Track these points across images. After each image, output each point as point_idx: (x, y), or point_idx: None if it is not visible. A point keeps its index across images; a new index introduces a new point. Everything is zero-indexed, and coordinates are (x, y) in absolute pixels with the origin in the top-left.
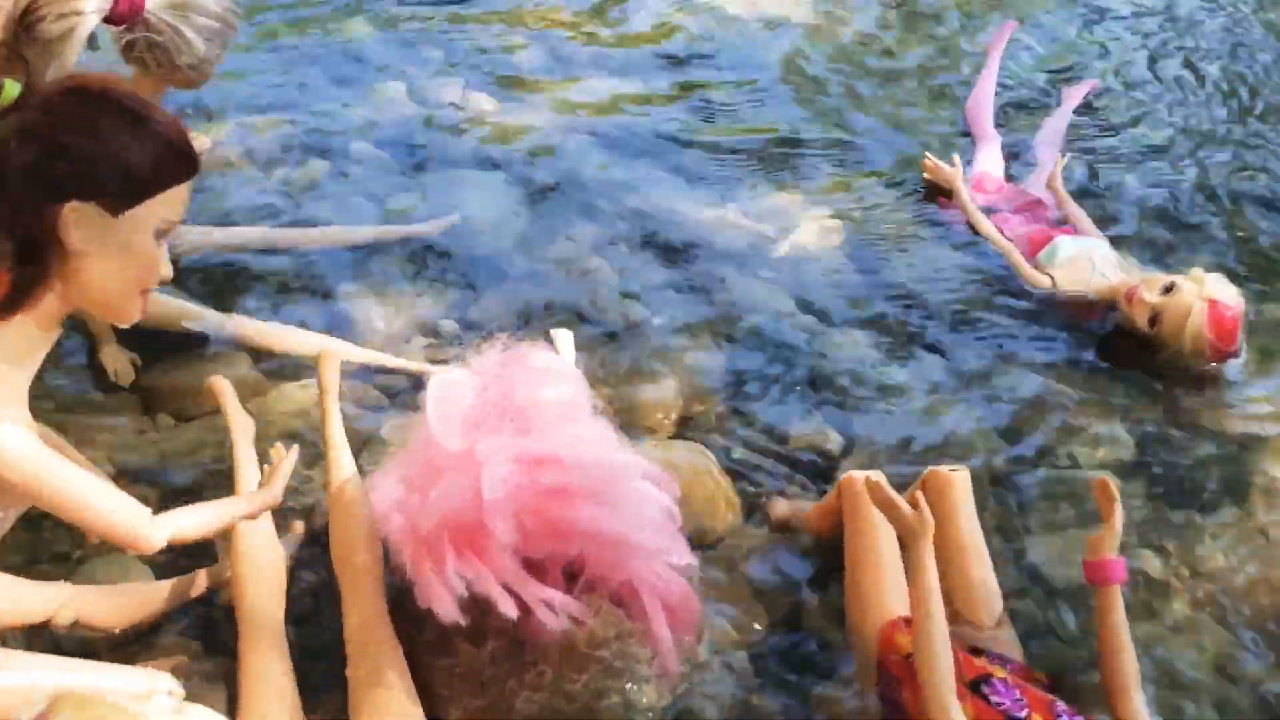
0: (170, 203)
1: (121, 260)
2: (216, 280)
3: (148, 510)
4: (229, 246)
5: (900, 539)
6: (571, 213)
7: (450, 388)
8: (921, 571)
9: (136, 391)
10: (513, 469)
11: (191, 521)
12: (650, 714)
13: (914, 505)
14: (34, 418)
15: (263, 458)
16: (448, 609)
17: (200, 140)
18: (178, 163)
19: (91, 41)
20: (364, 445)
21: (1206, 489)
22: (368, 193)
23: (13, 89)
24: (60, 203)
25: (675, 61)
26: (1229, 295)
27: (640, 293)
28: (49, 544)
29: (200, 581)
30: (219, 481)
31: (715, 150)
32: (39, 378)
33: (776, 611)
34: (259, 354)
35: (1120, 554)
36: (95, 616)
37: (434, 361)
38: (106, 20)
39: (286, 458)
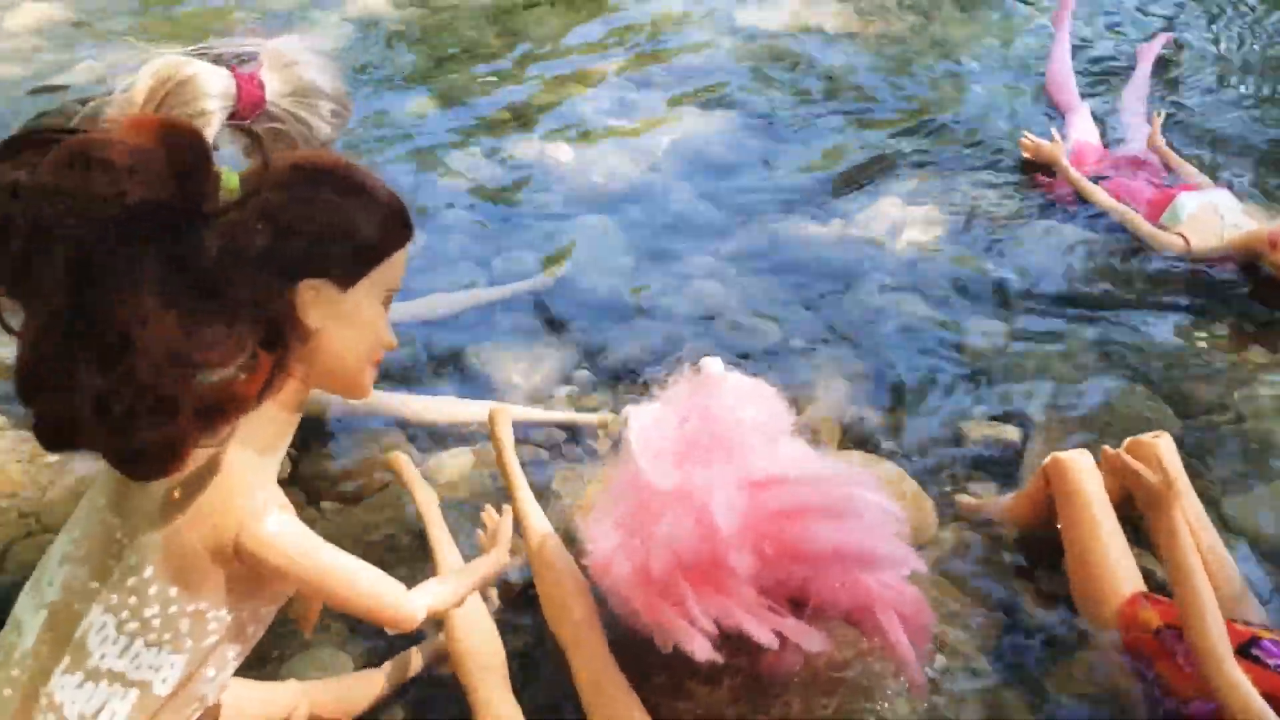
0: (393, 269)
1: (355, 332)
2: None
3: (403, 586)
4: None
5: (1149, 507)
6: (677, 244)
7: (649, 423)
8: (1177, 534)
9: (296, 483)
10: (740, 496)
11: (445, 592)
12: None
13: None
14: None
15: None
16: (700, 647)
17: None
18: (399, 229)
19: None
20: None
21: None
22: (473, 256)
23: (232, 178)
24: (296, 282)
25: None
26: None
27: (770, 312)
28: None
29: (416, 661)
30: (400, 559)
31: (800, 169)
32: None
33: (996, 606)
34: (406, 429)
35: None
36: (326, 709)
37: (579, 409)
38: (231, 117)
39: (503, 518)
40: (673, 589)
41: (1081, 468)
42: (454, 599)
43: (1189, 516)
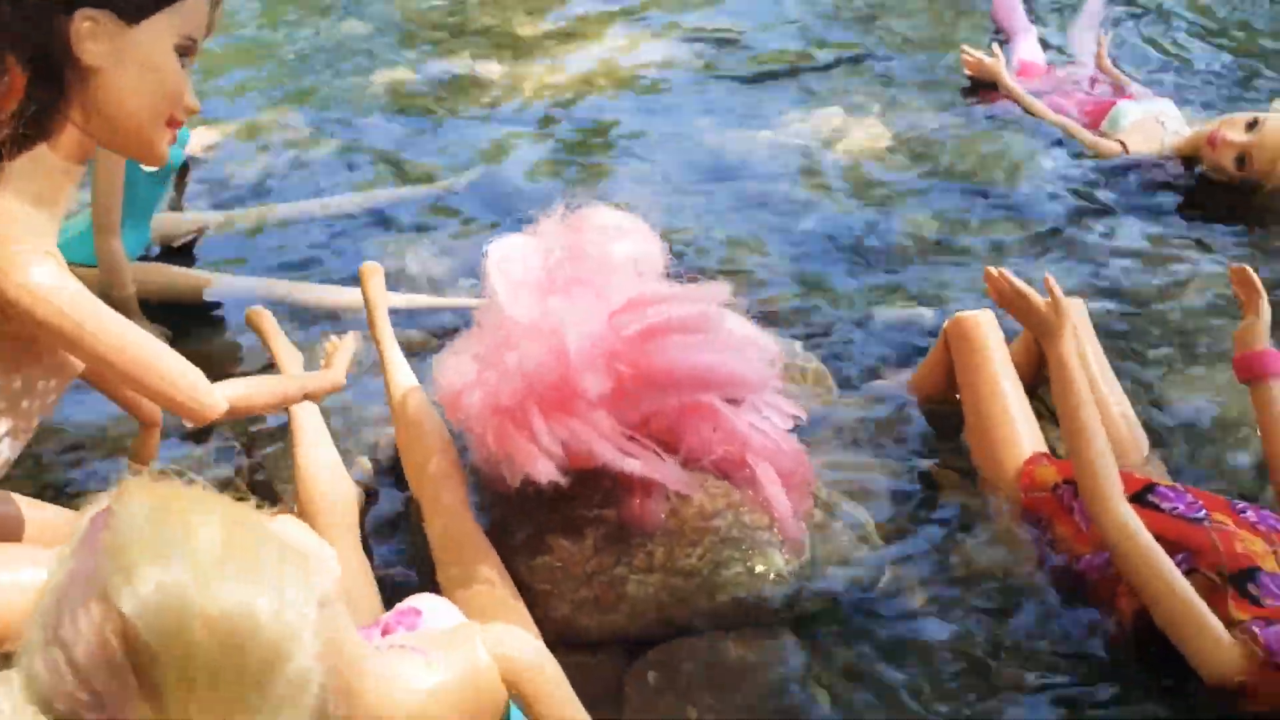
0: (189, 15)
1: (142, 78)
2: (242, 252)
3: (205, 378)
4: (258, 219)
5: (1039, 334)
6: (607, 159)
7: (513, 255)
8: (1067, 366)
9: None
10: (597, 322)
11: (253, 390)
12: (781, 581)
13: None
14: None
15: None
16: (544, 470)
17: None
18: None
19: None
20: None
21: None
22: (388, 160)
23: None
24: (71, 12)
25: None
26: None
27: (692, 212)
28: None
29: None
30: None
31: (745, 82)
32: None
33: (897, 475)
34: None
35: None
36: None
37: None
38: None
39: (345, 341)
40: (523, 416)
41: (981, 323)
42: (264, 400)
43: (1092, 370)
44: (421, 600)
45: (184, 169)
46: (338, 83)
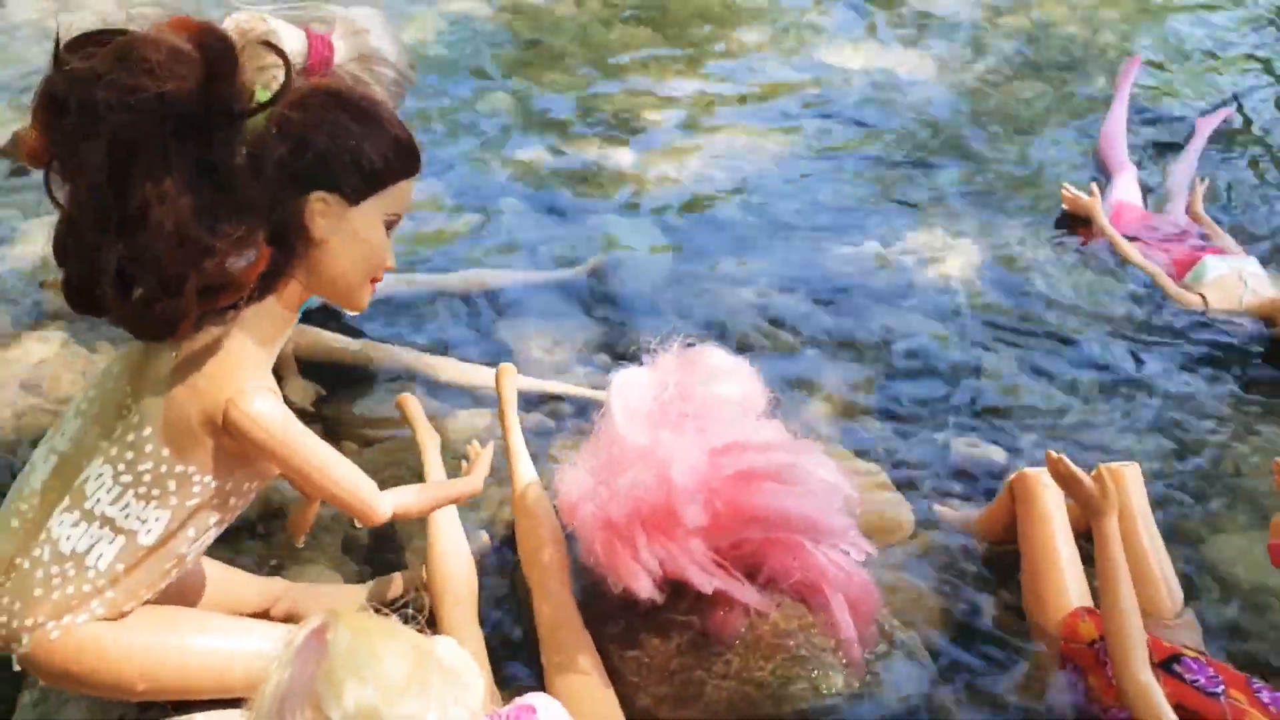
0: (399, 195)
1: (356, 247)
2: (387, 318)
3: (376, 485)
4: (392, 293)
5: (1087, 513)
6: (717, 252)
7: (631, 385)
8: (1109, 543)
9: (320, 420)
10: (700, 458)
11: (413, 499)
12: (838, 699)
13: (1098, 482)
14: None
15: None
16: (644, 587)
17: None
18: (406, 159)
19: None
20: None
21: None
22: (523, 243)
23: (263, 92)
24: (308, 192)
25: (800, 113)
26: None
27: (790, 321)
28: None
29: (396, 585)
30: None
31: (851, 192)
32: None
33: (952, 610)
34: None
35: None
36: (306, 610)
37: (597, 389)
38: (301, 75)
39: (484, 452)
40: (628, 534)
41: (1044, 483)
42: (421, 507)
43: (1142, 538)
44: (537, 699)
45: None
46: (475, 158)
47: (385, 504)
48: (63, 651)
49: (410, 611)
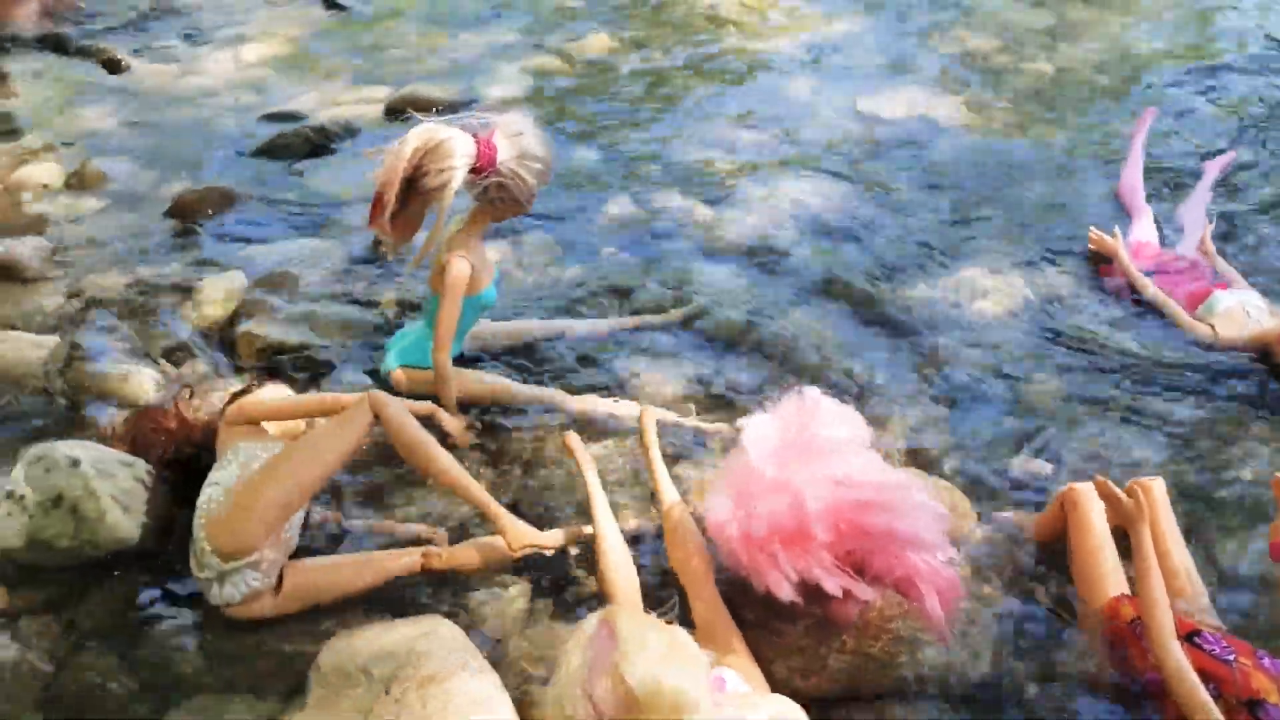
0: None
1: None
2: (523, 361)
3: None
4: (519, 337)
5: (1124, 524)
6: (793, 292)
7: (762, 428)
8: (1143, 544)
9: (481, 449)
10: (825, 488)
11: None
12: (933, 669)
13: (1131, 497)
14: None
15: None
16: (786, 591)
17: None
18: None
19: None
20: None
21: None
22: (618, 289)
23: None
24: None
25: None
26: None
27: (861, 355)
28: None
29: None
30: (559, 510)
31: (899, 237)
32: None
33: (1015, 594)
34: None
35: None
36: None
37: (704, 415)
38: (471, 172)
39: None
40: (768, 548)
41: (1089, 496)
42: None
43: (1168, 539)
44: (725, 672)
45: None
46: (570, 207)
47: None
48: None
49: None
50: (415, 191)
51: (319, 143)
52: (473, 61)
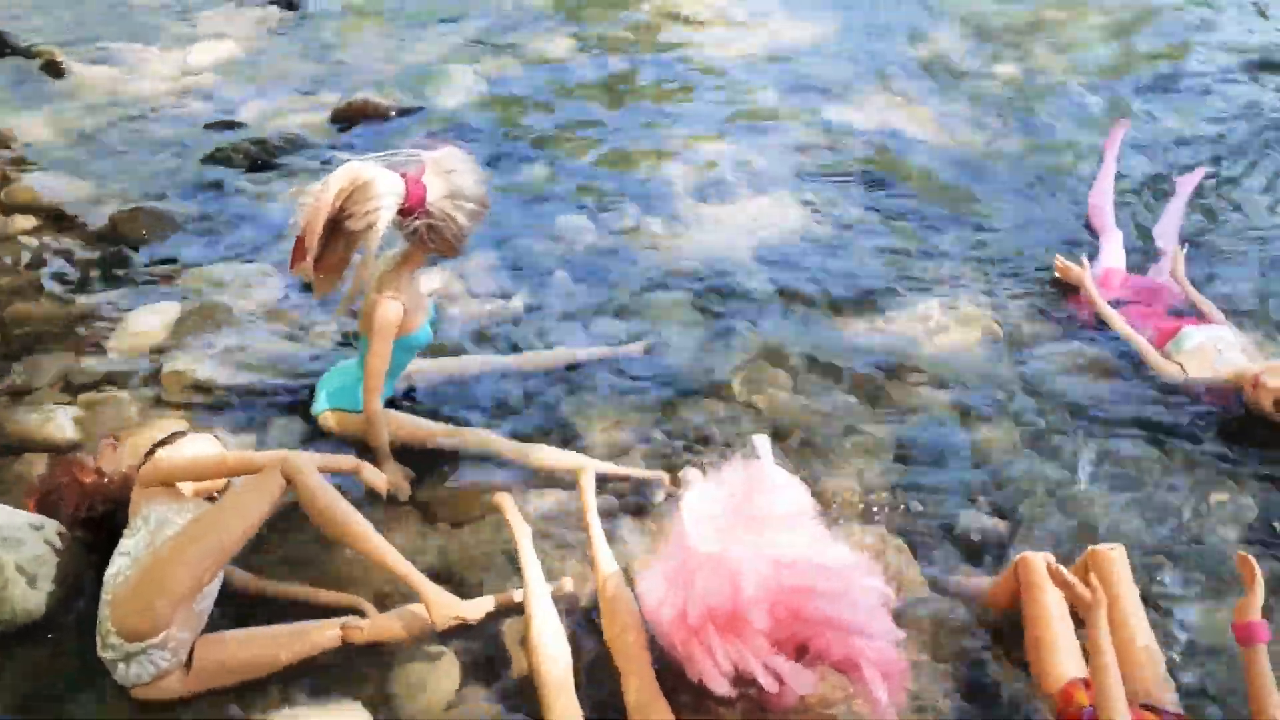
0: None
1: None
2: (453, 404)
3: None
4: (458, 375)
5: (1079, 610)
6: (741, 327)
7: (700, 497)
8: (1098, 637)
9: (413, 503)
10: (764, 568)
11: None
12: None
13: (1086, 583)
14: None
15: None
16: (719, 683)
17: None
18: None
19: None
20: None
21: None
22: (570, 317)
23: None
24: None
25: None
26: None
27: (815, 395)
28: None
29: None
30: (497, 575)
31: (858, 264)
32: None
33: (965, 669)
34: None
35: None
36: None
37: (651, 465)
38: (399, 213)
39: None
40: (703, 633)
41: (1042, 573)
42: None
43: (1126, 611)
44: None
45: None
46: (520, 224)
47: None
48: None
49: None
50: (340, 233)
51: (261, 158)
52: (427, 65)
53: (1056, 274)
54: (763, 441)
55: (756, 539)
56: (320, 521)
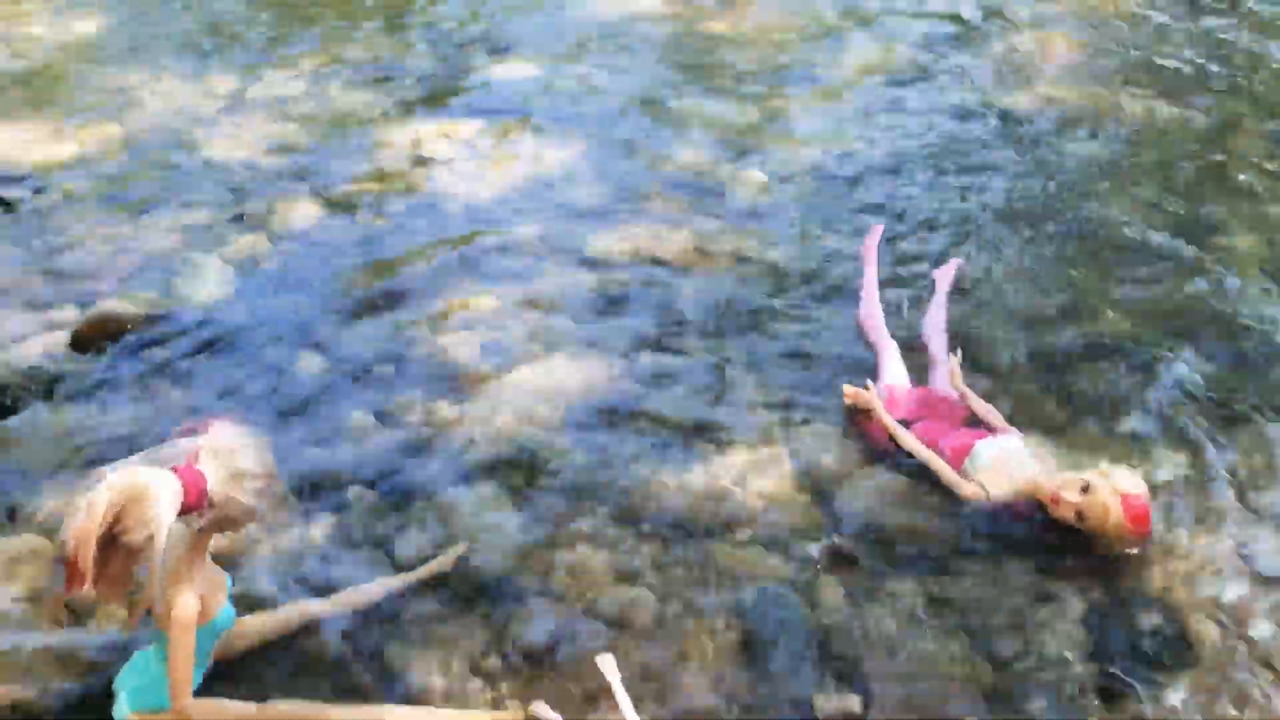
0: None
1: None
2: (273, 668)
3: None
4: (275, 631)
5: None
6: (554, 511)
7: None
8: None
9: None
10: None
11: None
12: None
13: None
14: None
15: None
16: None
17: None
18: None
19: None
20: None
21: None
22: (373, 541)
23: None
24: None
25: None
26: (1136, 486)
27: (640, 573)
28: None
29: None
30: None
31: (656, 417)
32: None
33: None
34: None
35: None
36: None
37: (494, 694)
38: (182, 512)
39: None
40: None
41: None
42: None
43: None
44: None
45: None
46: (303, 434)
47: None
48: None
49: None
50: (116, 549)
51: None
52: (166, 254)
53: (847, 401)
54: (608, 661)
55: None
56: None
